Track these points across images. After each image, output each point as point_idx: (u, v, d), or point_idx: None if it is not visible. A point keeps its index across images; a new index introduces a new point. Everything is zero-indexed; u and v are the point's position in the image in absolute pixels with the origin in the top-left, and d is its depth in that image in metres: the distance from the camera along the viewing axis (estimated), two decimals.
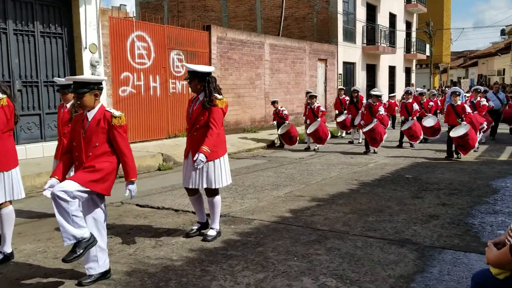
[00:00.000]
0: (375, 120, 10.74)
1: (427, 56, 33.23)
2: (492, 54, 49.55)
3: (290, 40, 17.46)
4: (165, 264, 3.90)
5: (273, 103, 12.46)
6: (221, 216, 5.35)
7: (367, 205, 5.81)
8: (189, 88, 4.77)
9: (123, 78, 10.50)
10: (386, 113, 13.47)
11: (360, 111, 11.50)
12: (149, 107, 11.15)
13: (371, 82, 24.06)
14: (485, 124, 11.05)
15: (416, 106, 12.14)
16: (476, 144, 10.16)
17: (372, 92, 11.46)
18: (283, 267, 3.79)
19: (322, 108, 11.63)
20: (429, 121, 12.17)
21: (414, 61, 31.87)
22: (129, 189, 3.60)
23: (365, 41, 22.93)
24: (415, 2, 29.06)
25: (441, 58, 41.76)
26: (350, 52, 21.52)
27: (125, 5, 16.64)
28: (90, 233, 3.33)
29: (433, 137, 12.35)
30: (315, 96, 11.80)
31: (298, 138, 12.00)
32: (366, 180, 7.54)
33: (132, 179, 3.59)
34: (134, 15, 11.54)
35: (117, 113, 3.51)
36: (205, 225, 4.72)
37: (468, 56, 59.60)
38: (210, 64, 13.01)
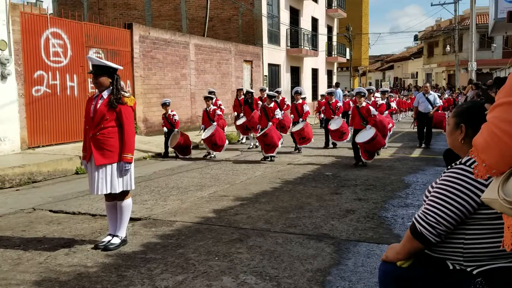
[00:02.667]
0: (270, 124, 9.76)
1: (347, 59, 34.83)
2: (406, 58, 53.16)
3: (216, 41, 17.45)
4: (78, 271, 3.70)
5: (164, 105, 10.42)
6: (141, 219, 5.22)
7: (289, 203, 5.94)
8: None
9: (37, 77, 9.87)
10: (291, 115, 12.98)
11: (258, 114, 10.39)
12: (66, 107, 10.57)
13: (296, 84, 24.69)
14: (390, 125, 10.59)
15: (306, 108, 11.07)
16: (386, 141, 9.82)
17: (267, 92, 10.73)
18: (204, 267, 3.76)
19: (219, 111, 10.52)
20: (334, 124, 11.06)
21: (336, 64, 33.21)
22: None
23: (289, 44, 23.52)
24: (336, 7, 30.31)
25: (360, 62, 43.89)
26: (275, 54, 21.95)
27: (42, 1, 15.67)
28: None
29: (341, 140, 11.25)
30: (211, 98, 10.53)
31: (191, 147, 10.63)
32: (289, 178, 7.71)
33: None
34: (51, 11, 10.88)
35: None
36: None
37: (385, 60, 63.44)
38: (132, 63, 12.65)
